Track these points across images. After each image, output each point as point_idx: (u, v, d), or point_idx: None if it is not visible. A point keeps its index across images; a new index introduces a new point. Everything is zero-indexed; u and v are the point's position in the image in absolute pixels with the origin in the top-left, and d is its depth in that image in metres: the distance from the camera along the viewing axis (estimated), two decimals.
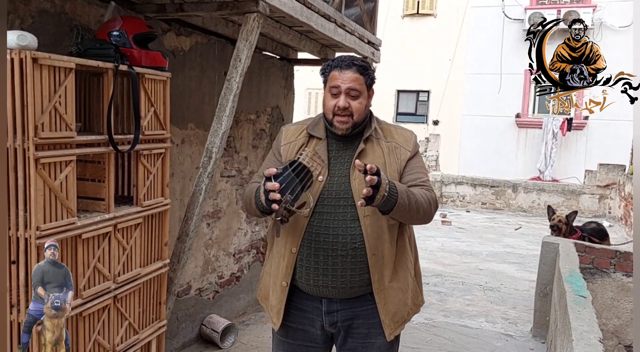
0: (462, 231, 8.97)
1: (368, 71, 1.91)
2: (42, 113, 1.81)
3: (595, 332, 2.28)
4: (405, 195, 1.74)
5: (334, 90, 1.88)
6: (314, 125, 2.00)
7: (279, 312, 1.97)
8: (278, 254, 1.97)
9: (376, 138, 1.96)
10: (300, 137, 2.00)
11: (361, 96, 1.89)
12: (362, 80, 1.88)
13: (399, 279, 1.94)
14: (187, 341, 3.73)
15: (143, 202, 2.37)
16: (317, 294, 1.94)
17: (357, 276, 1.89)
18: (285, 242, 1.93)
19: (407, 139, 2.00)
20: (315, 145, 1.94)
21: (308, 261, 1.90)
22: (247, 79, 3.93)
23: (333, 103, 1.88)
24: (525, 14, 13.27)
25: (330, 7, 3.45)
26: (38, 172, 1.82)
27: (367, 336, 1.96)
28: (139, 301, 2.42)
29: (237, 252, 4.29)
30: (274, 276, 1.99)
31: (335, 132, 1.92)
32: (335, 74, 1.88)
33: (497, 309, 4.94)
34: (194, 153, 3.53)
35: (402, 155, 1.95)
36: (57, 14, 2.47)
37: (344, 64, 1.88)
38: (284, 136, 2.04)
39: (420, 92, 15.16)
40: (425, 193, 1.86)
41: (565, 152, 13.29)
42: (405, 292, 1.97)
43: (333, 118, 1.89)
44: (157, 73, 2.38)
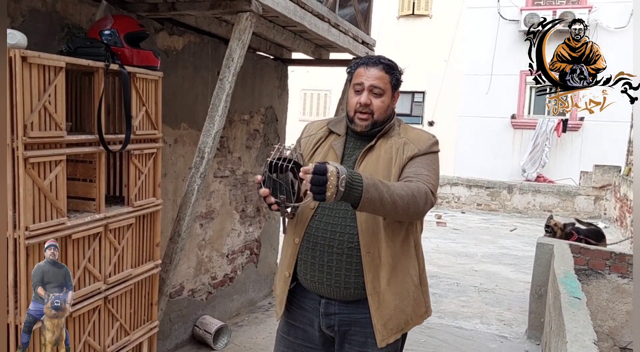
0: (457, 232, 8.97)
1: (395, 71, 1.89)
2: (31, 112, 1.79)
3: (589, 334, 2.27)
4: (374, 188, 1.59)
5: (357, 87, 1.88)
6: (336, 122, 2.01)
7: (282, 301, 1.98)
8: (286, 243, 1.98)
9: (390, 136, 1.92)
10: (320, 131, 2.01)
11: (384, 95, 1.87)
12: (388, 79, 1.87)
13: (397, 283, 1.85)
14: (179, 342, 3.70)
15: (134, 203, 2.35)
16: (314, 291, 1.93)
17: (352, 276, 1.84)
18: (292, 232, 1.94)
19: (422, 139, 1.91)
20: (332, 141, 1.96)
21: (306, 254, 1.90)
22: (241, 79, 3.92)
23: (355, 100, 1.88)
24: (520, 15, 13.29)
25: (324, 6, 3.43)
26: (27, 171, 1.80)
27: (364, 345, 1.90)
28: (130, 302, 2.40)
29: (230, 253, 4.27)
30: (280, 265, 2.02)
31: (355, 129, 1.91)
32: (361, 70, 1.87)
33: (492, 311, 4.93)
34: (186, 153, 3.51)
35: (409, 151, 1.87)
36: (48, 12, 2.45)
37: (371, 61, 1.88)
38: (307, 130, 2.06)
39: (416, 93, 15.14)
40: (409, 185, 1.72)
41: (561, 153, 13.31)
42: (404, 299, 1.87)
43: (354, 115, 1.89)
44: (148, 72, 2.36)
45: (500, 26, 13.70)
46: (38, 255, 1.86)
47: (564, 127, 12.94)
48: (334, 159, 1.91)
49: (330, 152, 1.94)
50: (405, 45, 14.57)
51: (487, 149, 13.76)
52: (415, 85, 14.94)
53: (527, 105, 13.90)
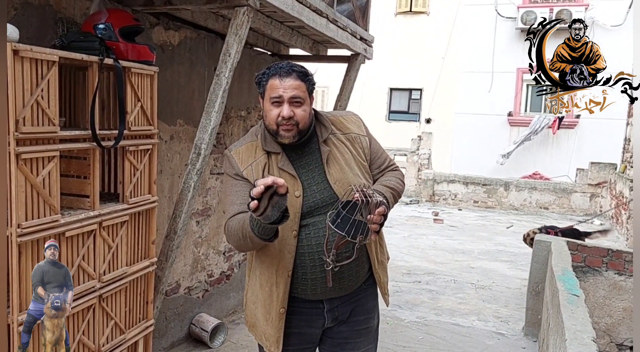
0: (454, 229, 8.96)
1: (309, 77, 1.81)
2: (23, 107, 1.76)
3: (588, 332, 2.26)
4: (391, 197, 1.85)
5: (275, 100, 1.76)
6: (264, 140, 1.86)
7: (278, 340, 1.87)
8: (268, 283, 1.85)
9: (332, 134, 1.90)
10: (259, 156, 1.85)
11: (305, 104, 1.78)
12: (304, 87, 1.78)
13: (383, 251, 2.03)
14: (175, 341, 3.68)
15: (129, 200, 2.32)
16: (322, 298, 1.89)
17: (361, 270, 1.93)
18: (277, 269, 1.83)
19: (359, 124, 2.00)
20: (277, 163, 1.84)
21: (314, 272, 1.82)
22: (238, 75, 3.88)
23: (276, 113, 1.76)
24: (518, 13, 13.29)
25: (322, 2, 3.40)
26: (19, 168, 1.76)
27: (362, 322, 1.98)
28: (125, 300, 2.37)
29: (227, 251, 4.24)
30: (266, 305, 1.88)
31: (282, 141, 1.82)
32: (276, 82, 1.76)
33: (488, 308, 4.92)
34: (183, 150, 3.48)
35: (363, 143, 1.96)
36: (41, 5, 2.41)
37: (283, 71, 1.77)
38: (239, 160, 1.87)
39: (413, 90, 15.14)
40: (397, 178, 1.97)
41: (557, 150, 13.34)
42: (386, 259, 2.07)
43: (277, 128, 1.78)
44: (143, 67, 2.33)
45: (498, 23, 13.70)
46: (31, 253, 1.84)
47: (559, 124, 12.96)
48: (291, 181, 1.80)
49: (283, 175, 1.80)
50: (403, 43, 14.58)
51: (484, 146, 13.77)
52: (412, 82, 14.95)
53: (524, 102, 13.92)
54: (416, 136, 13.04)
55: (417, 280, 5.73)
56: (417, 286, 5.52)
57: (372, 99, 14.54)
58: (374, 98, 14.65)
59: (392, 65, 14.51)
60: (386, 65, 14.26)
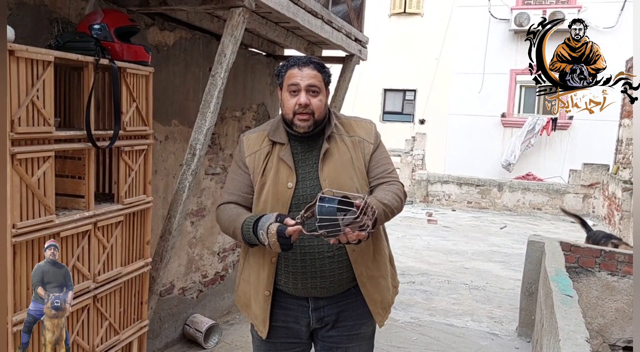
0: (448, 230, 8.99)
1: (325, 69, 1.91)
2: (18, 107, 1.76)
3: (582, 332, 2.28)
4: (382, 211, 1.77)
5: (292, 88, 1.84)
6: (274, 130, 1.94)
7: (265, 320, 1.96)
8: (257, 264, 1.94)
9: (338, 134, 1.94)
10: (264, 145, 1.93)
11: (321, 93, 1.87)
12: (321, 77, 1.87)
13: (379, 267, 1.98)
14: (169, 341, 3.67)
15: (124, 200, 2.31)
16: (305, 295, 1.94)
17: (345, 273, 1.91)
18: (264, 252, 1.90)
19: (369, 131, 1.99)
20: (279, 152, 1.90)
21: (295, 266, 1.88)
22: (233, 75, 3.88)
23: (293, 101, 1.84)
24: (511, 14, 13.36)
25: (317, 3, 3.41)
26: (14, 168, 1.76)
27: (352, 328, 1.99)
28: (119, 301, 2.37)
29: (221, 251, 4.24)
30: (254, 285, 1.96)
31: (297, 131, 1.87)
32: (294, 71, 1.85)
33: (482, 308, 4.94)
34: (177, 150, 3.47)
35: (366, 148, 1.95)
36: (37, 5, 2.40)
37: (301, 61, 1.86)
38: (247, 146, 1.96)
39: (407, 91, 15.18)
40: (396, 192, 1.89)
41: (550, 151, 13.40)
42: (386, 278, 2.01)
43: (294, 117, 1.85)
44: (139, 68, 2.32)
45: (491, 25, 13.76)
46: (25, 253, 1.83)
47: (553, 125, 13.02)
48: (287, 171, 1.87)
49: (281, 165, 1.88)
50: (397, 44, 14.61)
51: (478, 147, 13.82)
52: (406, 83, 14.98)
53: (517, 103, 13.98)
54: (410, 137, 13.08)
55: (411, 280, 5.74)
56: (411, 286, 5.53)
57: (366, 100, 14.57)
58: (368, 99, 14.67)
59: (386, 66, 14.55)
60: (380, 66, 14.30)
